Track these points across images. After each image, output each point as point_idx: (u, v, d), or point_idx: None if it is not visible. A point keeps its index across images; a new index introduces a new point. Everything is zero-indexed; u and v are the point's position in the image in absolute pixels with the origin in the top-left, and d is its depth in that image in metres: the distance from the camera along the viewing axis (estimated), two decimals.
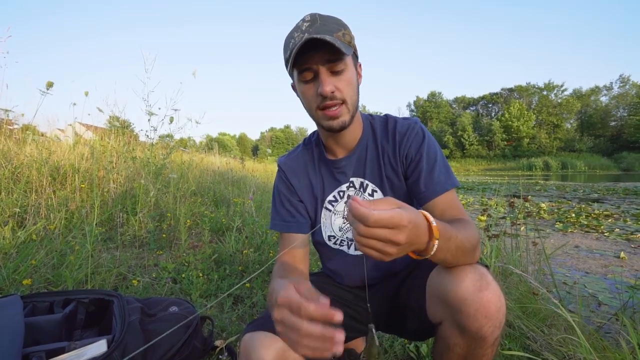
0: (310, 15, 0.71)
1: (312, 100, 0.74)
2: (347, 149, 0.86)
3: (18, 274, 1.34)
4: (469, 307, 0.60)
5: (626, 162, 33.94)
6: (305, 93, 0.74)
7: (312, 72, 0.71)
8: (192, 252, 1.91)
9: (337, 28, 0.70)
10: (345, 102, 0.73)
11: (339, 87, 0.71)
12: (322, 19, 0.70)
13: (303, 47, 0.67)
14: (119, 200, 2.57)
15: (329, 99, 0.71)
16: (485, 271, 0.63)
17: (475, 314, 0.60)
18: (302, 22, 0.71)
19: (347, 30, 0.73)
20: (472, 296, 0.60)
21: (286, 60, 0.74)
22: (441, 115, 55.55)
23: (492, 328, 0.61)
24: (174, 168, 3.67)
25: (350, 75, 0.73)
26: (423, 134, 0.80)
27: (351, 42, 0.74)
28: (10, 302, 0.91)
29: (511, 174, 26.00)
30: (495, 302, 0.60)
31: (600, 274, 2.23)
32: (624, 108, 43.26)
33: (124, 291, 1.50)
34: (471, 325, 0.61)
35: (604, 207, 5.31)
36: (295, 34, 0.70)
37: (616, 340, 1.09)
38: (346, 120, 0.75)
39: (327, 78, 0.70)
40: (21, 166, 2.43)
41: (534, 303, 1.37)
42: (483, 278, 0.61)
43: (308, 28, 0.69)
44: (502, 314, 0.61)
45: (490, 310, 0.60)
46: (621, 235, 3.37)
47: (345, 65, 0.72)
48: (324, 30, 0.68)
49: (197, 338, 1.05)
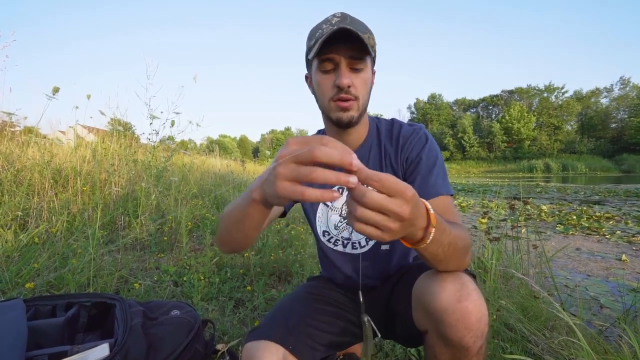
0: (341, 13, 0.73)
1: (327, 91, 0.75)
2: (351, 148, 0.86)
3: (21, 277, 1.35)
4: (450, 318, 0.59)
5: (627, 164, 33.92)
6: (321, 83, 0.76)
7: (332, 63, 0.73)
8: (194, 255, 1.91)
9: (365, 30, 0.73)
10: (357, 99, 0.75)
11: (356, 83, 0.73)
12: (352, 19, 0.73)
13: (331, 37, 0.68)
14: (121, 203, 2.58)
15: (344, 92, 0.73)
16: (467, 280, 0.62)
17: (456, 325, 0.59)
18: (332, 17, 0.73)
19: (371, 35, 0.75)
20: (452, 306, 0.59)
21: (309, 48, 0.75)
22: (441, 117, 55.61)
23: (473, 338, 0.60)
24: (175, 171, 3.68)
25: (367, 76, 0.76)
26: (426, 139, 0.81)
27: (374, 47, 0.76)
28: (14, 305, 0.91)
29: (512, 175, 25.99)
30: (476, 312, 0.59)
31: (601, 277, 2.23)
32: (624, 110, 43.28)
33: (126, 294, 1.51)
34: (453, 335, 0.60)
35: (605, 209, 5.30)
36: (324, 26, 0.72)
37: (618, 344, 1.09)
38: (354, 116, 0.76)
39: (347, 72, 0.72)
40: (23, 169, 2.44)
41: (535, 306, 1.37)
42: (464, 288, 0.60)
43: (338, 22, 0.70)
44: (483, 324, 0.60)
45: (470, 321, 0.59)
46: (622, 238, 3.37)
47: (365, 66, 0.74)
48: (355, 28, 0.69)
49: (198, 342, 1.05)
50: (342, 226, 0.89)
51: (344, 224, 0.89)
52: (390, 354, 1.21)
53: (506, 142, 47.47)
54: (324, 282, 0.97)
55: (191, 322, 1.05)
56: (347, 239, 0.89)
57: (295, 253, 2.19)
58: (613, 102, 44.68)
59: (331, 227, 0.90)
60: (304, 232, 2.75)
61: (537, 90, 50.21)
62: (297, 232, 2.67)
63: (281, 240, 2.43)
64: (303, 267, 1.97)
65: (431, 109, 56.38)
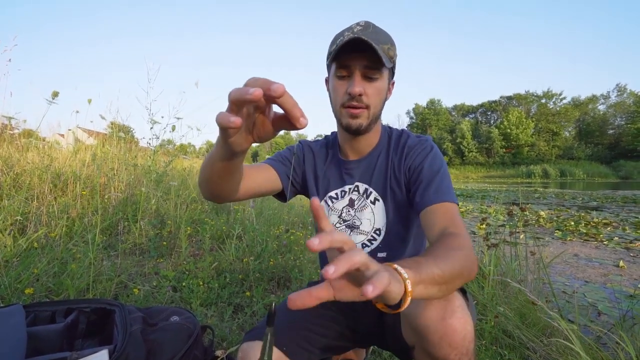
0: (365, 22, 0.75)
1: (340, 97, 0.77)
2: (360, 154, 0.88)
3: (20, 283, 1.35)
4: (433, 336, 0.59)
5: (625, 170, 34.11)
6: (336, 88, 0.78)
7: (348, 70, 0.75)
8: (193, 260, 1.91)
9: (385, 41, 0.74)
10: (368, 108, 0.76)
11: (368, 92, 0.75)
12: (375, 28, 0.75)
13: (347, 45, 0.70)
14: (120, 207, 2.58)
15: (355, 100, 0.75)
16: (452, 297, 0.61)
17: (440, 342, 0.59)
18: (355, 25, 0.75)
19: (393, 46, 0.77)
20: (436, 324, 0.59)
21: (329, 54, 0.78)
22: (440, 123, 55.85)
23: (458, 356, 0.59)
24: (174, 175, 3.69)
25: (381, 86, 0.77)
26: (431, 149, 0.82)
27: (393, 58, 0.77)
28: (13, 311, 0.91)
29: (510, 181, 26.06)
30: (460, 330, 0.59)
31: (599, 283, 2.24)
32: (621, 116, 43.60)
33: (125, 299, 1.50)
34: (437, 353, 0.60)
35: (602, 215, 5.32)
36: (346, 33, 0.74)
37: (615, 351, 1.09)
38: (363, 124, 0.78)
39: (360, 80, 0.74)
40: (23, 173, 2.44)
41: (533, 313, 1.37)
42: (448, 305, 0.60)
43: (359, 31, 0.73)
44: (467, 342, 0.60)
45: (454, 339, 0.59)
46: (620, 244, 3.38)
47: (381, 76, 0.76)
48: (373, 38, 0.71)
49: (197, 348, 1.05)
50: (341, 228, 0.89)
51: (342, 226, 0.89)
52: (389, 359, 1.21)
53: (505, 147, 47.68)
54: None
55: (190, 328, 1.05)
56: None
57: (294, 258, 2.19)
58: (610, 108, 45.03)
59: None
60: (303, 238, 2.76)
61: (535, 97, 50.58)
62: (296, 237, 2.67)
63: (280, 245, 2.43)
64: (302, 273, 1.97)
65: (430, 114, 56.63)
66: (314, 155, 0.94)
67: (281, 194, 0.90)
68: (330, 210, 0.90)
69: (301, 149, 0.94)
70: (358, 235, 0.88)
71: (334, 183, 0.91)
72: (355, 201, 0.88)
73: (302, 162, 0.93)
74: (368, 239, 0.88)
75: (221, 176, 0.59)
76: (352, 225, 0.89)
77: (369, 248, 0.88)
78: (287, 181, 0.88)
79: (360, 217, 0.88)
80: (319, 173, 0.92)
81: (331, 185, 0.91)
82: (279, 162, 0.88)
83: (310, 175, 0.92)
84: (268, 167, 0.85)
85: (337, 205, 0.90)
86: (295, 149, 0.94)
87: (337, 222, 0.90)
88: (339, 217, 0.90)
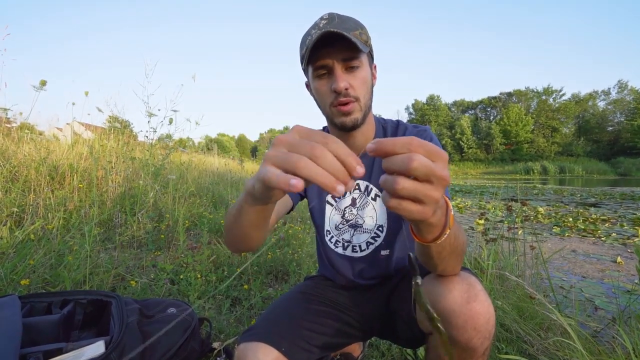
0: (328, 14, 0.72)
1: (326, 97, 0.74)
2: (357, 151, 0.85)
3: (16, 274, 1.34)
4: (458, 319, 0.59)
5: (623, 167, 34.15)
6: (319, 90, 0.75)
7: (326, 68, 0.72)
8: (191, 253, 1.91)
9: (355, 27, 0.71)
10: (358, 100, 0.73)
11: (353, 84, 0.72)
12: (340, 18, 0.71)
13: (319, 42, 0.67)
14: (118, 200, 2.57)
15: (343, 96, 0.71)
16: (474, 281, 0.62)
17: (464, 326, 0.59)
18: (319, 20, 0.71)
19: (364, 30, 0.73)
20: (461, 308, 0.59)
21: (302, 57, 0.74)
22: (440, 119, 55.70)
23: (481, 339, 0.60)
24: (172, 169, 3.67)
25: (364, 74, 0.74)
26: (430, 139, 0.80)
27: (367, 42, 0.74)
28: (8, 302, 0.91)
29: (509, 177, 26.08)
30: (484, 313, 0.59)
31: (597, 279, 2.25)
32: (620, 113, 43.57)
33: (122, 292, 1.50)
34: (460, 337, 0.60)
35: (601, 212, 5.34)
36: (312, 31, 0.71)
37: (612, 345, 1.09)
38: (358, 118, 0.75)
39: (342, 74, 0.71)
40: (19, 165, 2.42)
41: (531, 307, 1.37)
42: (471, 289, 0.60)
43: (326, 25, 0.69)
44: (491, 325, 0.60)
45: (479, 322, 0.59)
46: (618, 240, 3.39)
47: (361, 63, 0.72)
48: (341, 28, 0.68)
49: (195, 340, 1.05)
50: (345, 228, 0.89)
51: (346, 226, 0.89)
52: (386, 353, 1.22)
53: (504, 144, 47.67)
54: (321, 282, 0.96)
55: (188, 320, 1.05)
56: (347, 241, 0.89)
57: (292, 252, 2.19)
58: (610, 105, 44.97)
59: (332, 227, 0.90)
60: (302, 231, 2.75)
61: (535, 93, 50.41)
62: (294, 231, 2.67)
63: (278, 239, 2.42)
64: (300, 266, 1.97)
65: (429, 110, 56.44)
66: None
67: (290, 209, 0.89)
68: (333, 210, 0.89)
69: None
70: (362, 234, 0.88)
71: None
72: (357, 199, 0.87)
73: None
74: (372, 237, 0.87)
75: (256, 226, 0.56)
76: (355, 224, 0.88)
77: (373, 246, 0.87)
78: (296, 195, 0.86)
79: (362, 216, 0.87)
80: None
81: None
82: None
83: None
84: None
85: (340, 205, 0.89)
86: None
87: (341, 222, 0.89)
88: (342, 217, 0.89)
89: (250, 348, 0.70)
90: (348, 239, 0.89)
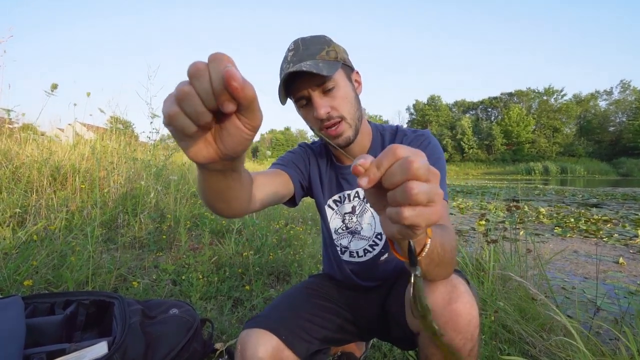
0: (293, 43, 0.74)
1: (314, 124, 0.76)
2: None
3: (19, 275, 1.35)
4: (438, 320, 0.59)
5: (625, 167, 34.05)
6: (306, 118, 0.78)
7: (305, 98, 0.74)
8: (192, 254, 1.91)
9: (321, 48, 0.72)
10: (344, 119, 0.75)
11: (334, 105, 0.73)
12: (305, 43, 0.73)
13: (288, 79, 0.70)
14: (120, 201, 2.57)
15: (327, 120, 0.73)
16: (458, 282, 0.62)
17: (444, 327, 0.59)
18: (287, 52, 0.74)
19: (331, 46, 0.74)
20: (441, 309, 0.59)
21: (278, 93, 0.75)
22: (440, 119, 55.64)
23: (463, 340, 0.60)
24: (174, 169, 3.68)
25: (343, 91, 0.74)
26: (428, 142, 0.81)
27: (337, 57, 0.74)
28: (12, 303, 0.91)
29: (510, 178, 26.06)
30: (465, 315, 0.59)
31: (599, 280, 2.24)
32: (622, 113, 43.44)
33: (124, 292, 1.50)
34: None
35: (602, 212, 5.32)
36: (284, 65, 0.73)
37: (615, 346, 1.09)
38: (350, 136, 0.77)
39: (320, 100, 0.72)
40: (22, 166, 2.43)
41: (533, 308, 1.37)
42: (455, 290, 0.60)
43: (292, 57, 0.72)
44: (473, 327, 0.60)
45: (459, 324, 0.59)
46: (620, 241, 3.38)
47: (335, 83, 0.73)
48: (306, 56, 0.70)
49: (197, 341, 1.05)
50: (344, 233, 0.90)
51: (345, 232, 0.89)
52: (388, 354, 1.21)
53: (505, 144, 47.59)
54: (325, 279, 0.98)
55: (190, 321, 1.05)
56: (345, 247, 0.90)
57: (293, 253, 2.19)
58: (611, 105, 44.82)
59: (332, 231, 0.91)
60: (303, 232, 2.76)
61: (536, 93, 50.31)
62: (295, 232, 2.67)
63: (280, 240, 2.43)
64: (302, 267, 1.97)
65: (430, 111, 56.40)
66: (317, 158, 0.93)
67: (291, 199, 0.88)
68: (335, 214, 0.90)
69: (305, 151, 0.93)
70: (360, 241, 0.88)
71: (336, 188, 0.90)
72: (356, 207, 0.88)
73: (308, 164, 0.92)
74: (370, 244, 0.88)
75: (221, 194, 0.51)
76: (354, 232, 0.89)
77: (372, 254, 0.88)
78: (299, 185, 0.87)
79: (361, 223, 0.88)
80: (323, 177, 0.92)
81: (333, 189, 0.91)
82: (289, 167, 0.86)
83: (316, 177, 0.91)
84: (280, 171, 0.83)
85: (341, 210, 0.90)
86: (300, 151, 0.93)
87: (341, 227, 0.90)
88: (342, 222, 0.90)
89: (252, 334, 0.72)
90: (346, 245, 0.90)
